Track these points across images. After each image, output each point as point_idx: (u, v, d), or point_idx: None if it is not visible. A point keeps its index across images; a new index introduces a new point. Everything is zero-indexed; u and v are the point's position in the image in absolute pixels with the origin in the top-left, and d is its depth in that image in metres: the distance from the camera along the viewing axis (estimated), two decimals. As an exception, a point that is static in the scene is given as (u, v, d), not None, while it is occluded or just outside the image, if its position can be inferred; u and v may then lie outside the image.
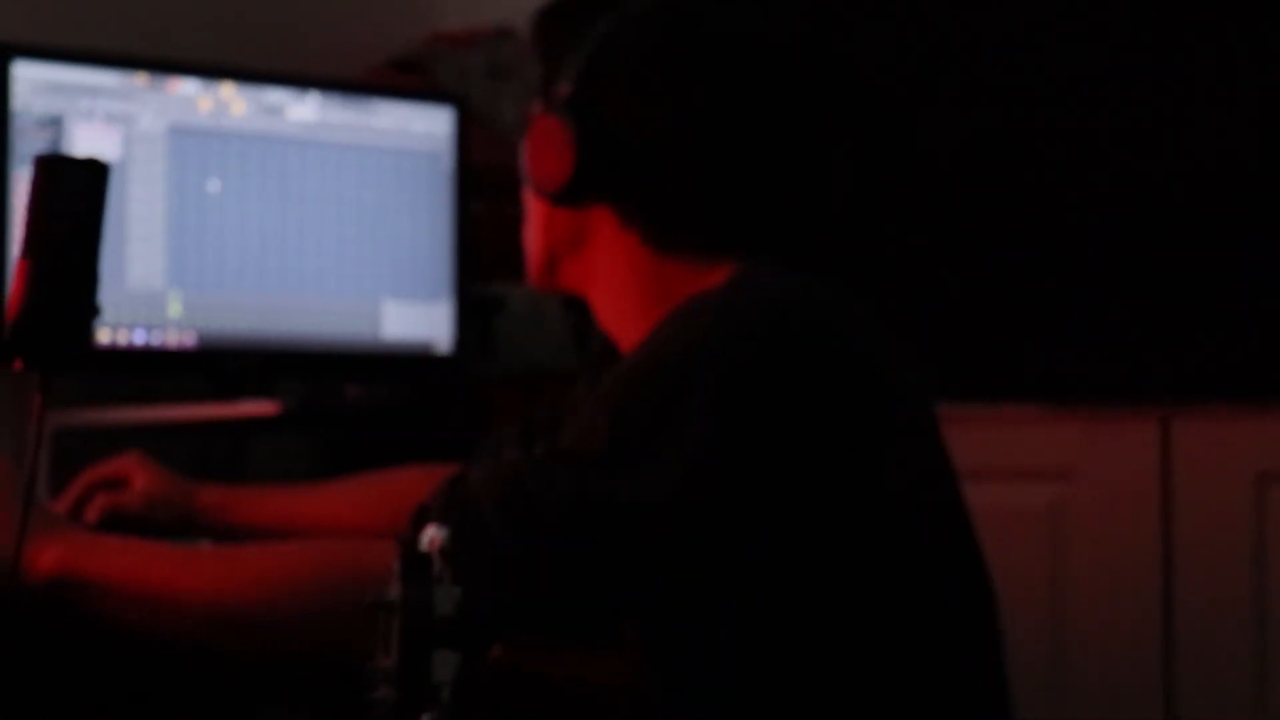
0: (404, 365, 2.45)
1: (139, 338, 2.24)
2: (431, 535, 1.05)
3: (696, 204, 1.37)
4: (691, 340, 1.25)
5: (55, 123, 2.19)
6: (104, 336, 2.21)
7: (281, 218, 2.35)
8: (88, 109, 2.22)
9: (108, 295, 1.10)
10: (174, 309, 2.27)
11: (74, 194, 1.07)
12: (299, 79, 2.39)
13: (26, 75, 2.18)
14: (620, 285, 1.40)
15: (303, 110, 2.38)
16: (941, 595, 1.31)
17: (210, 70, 2.32)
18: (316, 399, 2.35)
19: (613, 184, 1.37)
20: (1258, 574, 2.30)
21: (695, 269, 1.36)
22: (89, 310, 1.08)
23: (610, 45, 1.36)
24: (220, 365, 2.29)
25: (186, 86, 2.29)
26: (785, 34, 1.41)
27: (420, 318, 2.45)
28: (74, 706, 1.79)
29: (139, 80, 2.26)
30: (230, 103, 2.32)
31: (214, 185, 2.30)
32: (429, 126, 2.47)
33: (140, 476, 1.67)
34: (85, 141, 2.20)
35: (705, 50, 1.36)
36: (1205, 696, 2.31)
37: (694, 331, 1.26)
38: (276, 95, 2.36)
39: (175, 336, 2.27)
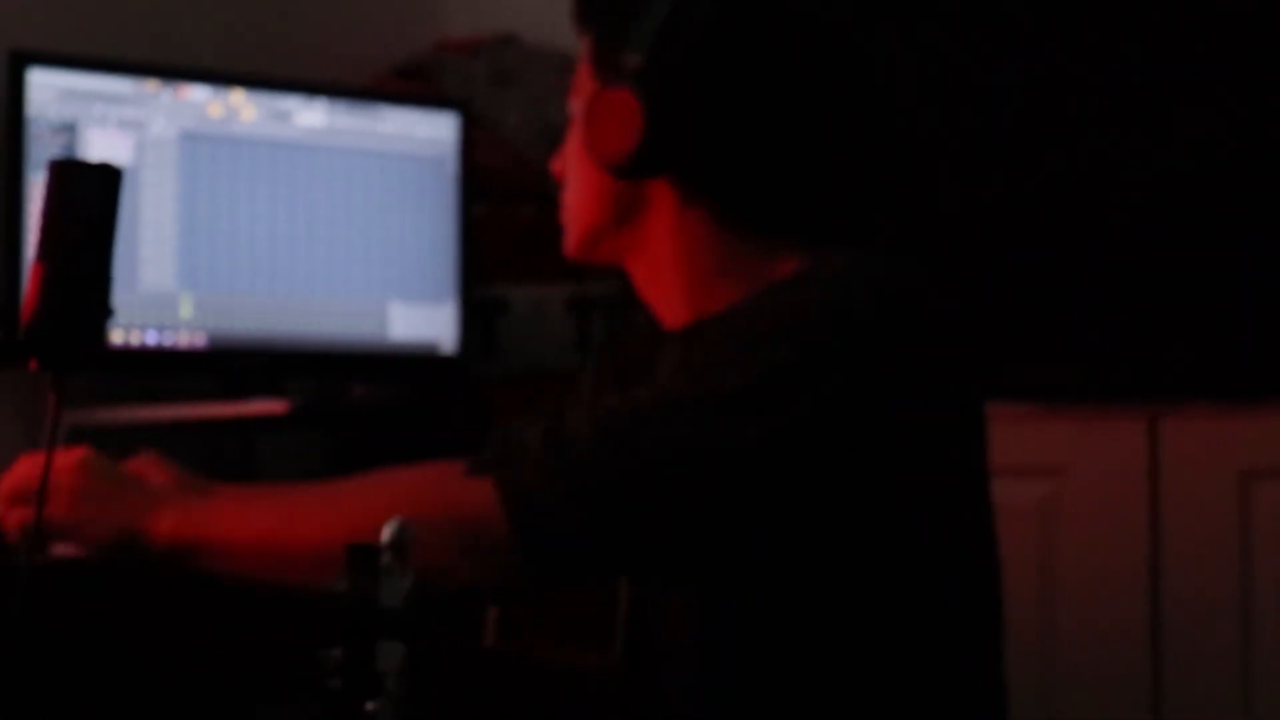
0: (409, 365, 2.45)
1: (151, 338, 2.24)
2: (386, 529, 1.05)
3: (768, 179, 1.35)
4: (826, 306, 1.25)
5: (69, 128, 2.19)
6: (117, 337, 2.21)
7: (290, 221, 2.35)
8: (101, 115, 2.22)
9: (120, 297, 1.10)
10: (185, 310, 2.27)
11: (88, 198, 1.07)
12: (307, 85, 2.39)
13: (42, 82, 2.18)
14: (676, 258, 1.37)
15: (311, 116, 2.38)
16: (977, 584, 1.32)
17: (220, 77, 2.32)
18: (324, 398, 2.35)
19: (684, 158, 1.33)
20: (1243, 569, 2.30)
21: (756, 245, 1.35)
22: (102, 311, 1.07)
23: (683, 16, 1.31)
24: (230, 365, 2.29)
25: (197, 93, 2.29)
26: (845, 9, 1.41)
27: (425, 319, 2.45)
28: (75, 704, 1.79)
29: (151, 87, 2.26)
30: (240, 109, 2.32)
31: (224, 189, 2.30)
32: (434, 132, 2.47)
33: (156, 477, 1.66)
34: (99, 146, 2.20)
35: (781, 22, 1.33)
36: (1192, 690, 2.30)
37: (824, 300, 1.25)
38: (285, 101, 2.36)
39: (186, 337, 2.27)
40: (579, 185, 1.39)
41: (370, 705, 1.00)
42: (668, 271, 1.37)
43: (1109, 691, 2.34)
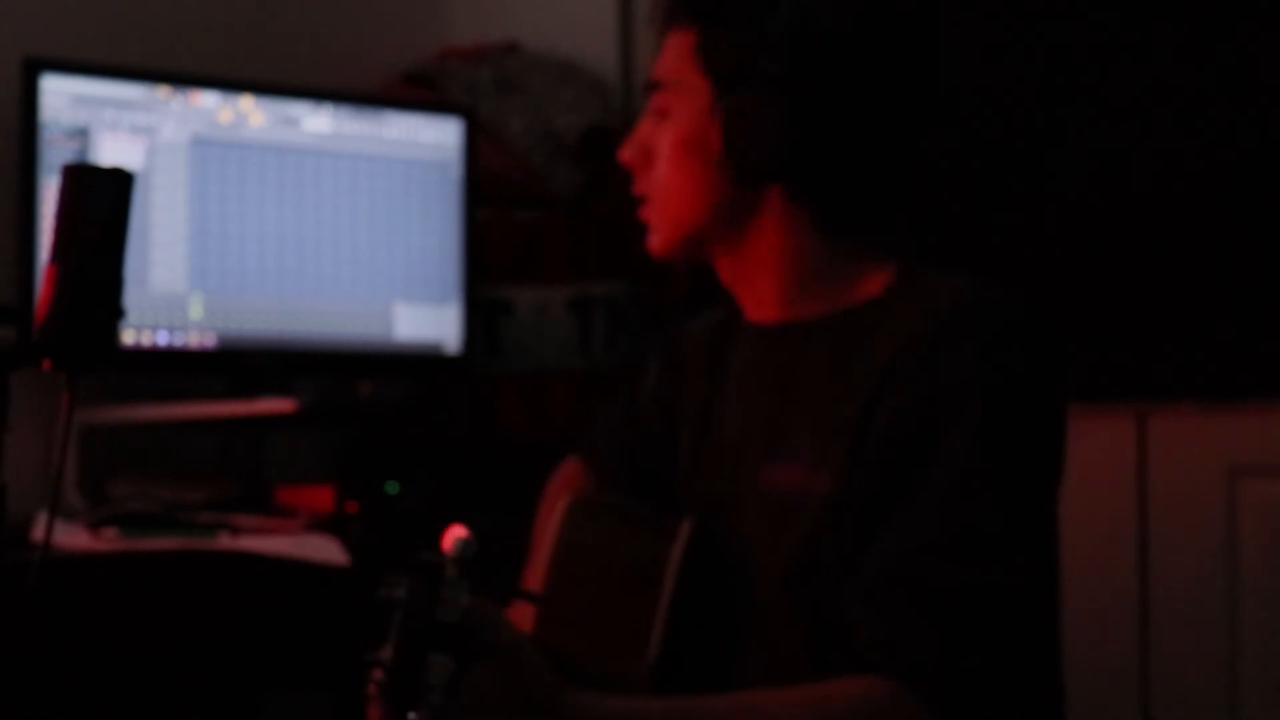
0: (414, 364, 2.45)
1: (162, 338, 2.25)
2: (452, 542, 1.04)
3: (872, 190, 1.38)
4: (1014, 359, 1.30)
5: (82, 133, 2.20)
6: (129, 337, 2.21)
7: (298, 224, 2.35)
8: (113, 120, 2.22)
9: (132, 298, 1.10)
10: (195, 311, 2.27)
11: (100, 202, 1.07)
12: (315, 92, 2.39)
13: (55, 88, 2.18)
14: (776, 260, 1.38)
15: (318, 121, 2.38)
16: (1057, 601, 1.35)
17: (230, 83, 2.32)
18: (331, 396, 2.35)
19: (808, 167, 1.34)
20: (1229, 563, 2.30)
21: (850, 252, 1.38)
22: (114, 312, 1.08)
23: (813, 28, 1.32)
24: (239, 364, 2.30)
25: (207, 99, 2.29)
26: (936, 25, 1.42)
27: (430, 319, 2.45)
28: (88, 692, 1.80)
29: (162, 93, 2.26)
30: (249, 114, 2.32)
31: (233, 193, 2.31)
32: (438, 137, 2.47)
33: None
34: (111, 151, 2.20)
35: (902, 38, 1.35)
36: (1179, 679, 2.30)
37: (1009, 351, 1.30)
38: (293, 107, 2.36)
39: (196, 337, 2.27)
40: (683, 185, 1.38)
41: (412, 715, 0.99)
42: (765, 272, 1.39)
43: (1098, 681, 2.34)
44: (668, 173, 1.38)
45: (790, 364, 1.38)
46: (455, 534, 1.05)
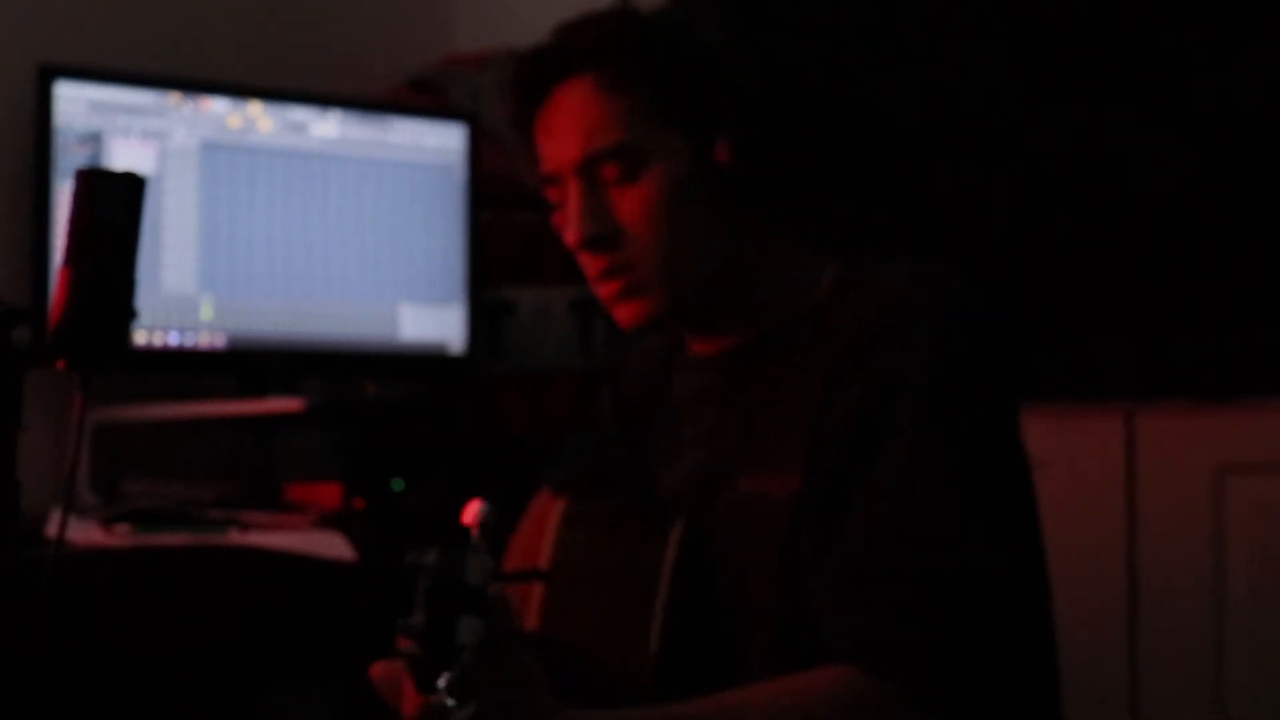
0: (419, 364, 2.45)
1: (173, 339, 2.25)
2: (475, 510, 1.05)
3: (821, 200, 1.41)
4: (966, 337, 1.29)
5: (95, 139, 2.20)
6: (140, 338, 2.21)
7: (305, 227, 2.36)
8: (125, 126, 2.22)
9: (144, 299, 1.10)
10: (205, 312, 2.27)
11: (113, 205, 1.07)
12: (322, 98, 2.40)
13: (68, 94, 2.18)
14: (752, 277, 1.39)
15: (325, 127, 2.38)
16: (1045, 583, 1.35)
17: (239, 90, 2.33)
18: (338, 396, 2.35)
19: (794, 180, 1.38)
20: (1217, 559, 2.29)
21: (805, 253, 1.40)
22: (126, 313, 1.08)
23: (763, 56, 1.38)
24: (248, 364, 2.30)
25: (217, 105, 2.30)
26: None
27: (434, 320, 2.45)
28: (101, 685, 1.80)
29: (173, 99, 2.26)
30: (258, 120, 2.33)
31: (243, 197, 2.31)
32: (443, 142, 2.47)
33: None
34: (123, 156, 2.21)
35: (827, 88, 1.41)
36: (1168, 673, 2.30)
37: (961, 331, 1.30)
38: (301, 113, 2.37)
39: (206, 338, 2.27)
40: (690, 234, 1.35)
41: (444, 676, 0.99)
42: (744, 291, 1.38)
43: (1087, 677, 2.34)
44: (670, 229, 1.34)
45: (749, 379, 1.38)
46: (476, 505, 1.06)
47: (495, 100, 2.63)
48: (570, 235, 1.36)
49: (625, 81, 1.33)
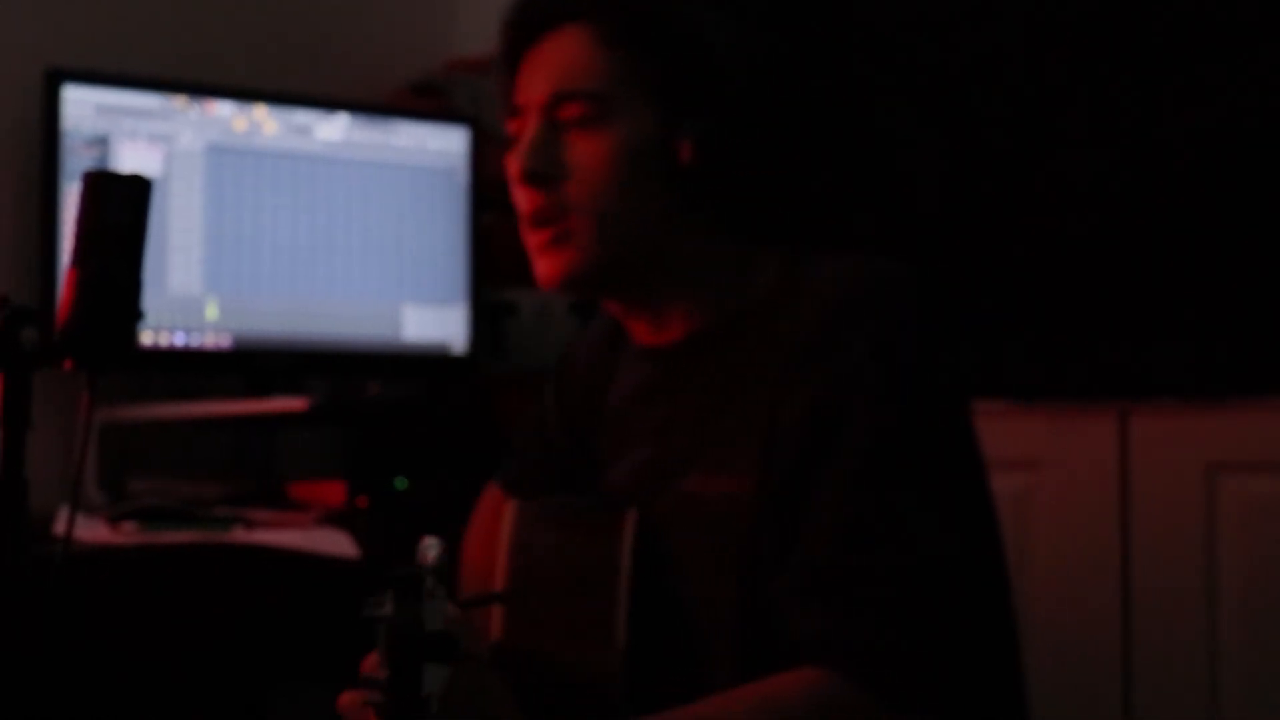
0: (422, 364, 2.45)
1: (179, 339, 2.25)
2: (427, 550, 1.03)
3: (770, 197, 1.38)
4: (912, 330, 1.28)
5: (102, 141, 2.20)
6: (147, 338, 2.21)
7: (310, 229, 2.36)
8: (132, 129, 2.22)
9: (150, 300, 1.10)
10: (211, 313, 2.27)
11: (119, 207, 1.07)
12: (326, 101, 2.40)
13: (76, 98, 2.18)
14: (687, 271, 1.37)
15: (329, 130, 2.38)
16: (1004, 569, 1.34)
17: (244, 93, 2.33)
18: (342, 395, 2.35)
19: (751, 176, 1.36)
20: (1209, 558, 2.29)
21: (747, 249, 1.38)
22: (133, 314, 1.08)
23: (757, 51, 1.36)
24: (253, 364, 2.30)
25: (222, 108, 2.30)
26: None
27: (437, 320, 2.45)
28: (108, 680, 1.80)
29: (179, 102, 2.26)
30: (263, 123, 2.33)
31: (248, 199, 2.31)
32: (445, 145, 2.47)
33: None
34: (130, 159, 2.21)
35: (798, 81, 1.39)
36: (1161, 668, 2.30)
37: (906, 325, 1.28)
38: (305, 116, 2.37)
39: (212, 338, 2.27)
40: (629, 199, 1.32)
41: None
42: (675, 286, 1.35)
43: (1083, 670, 2.34)
44: (613, 187, 1.31)
45: (696, 374, 1.35)
46: (428, 543, 1.04)
47: (497, 105, 2.64)
48: (513, 165, 1.33)
49: (615, 38, 1.31)
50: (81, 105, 2.19)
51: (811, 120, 2.52)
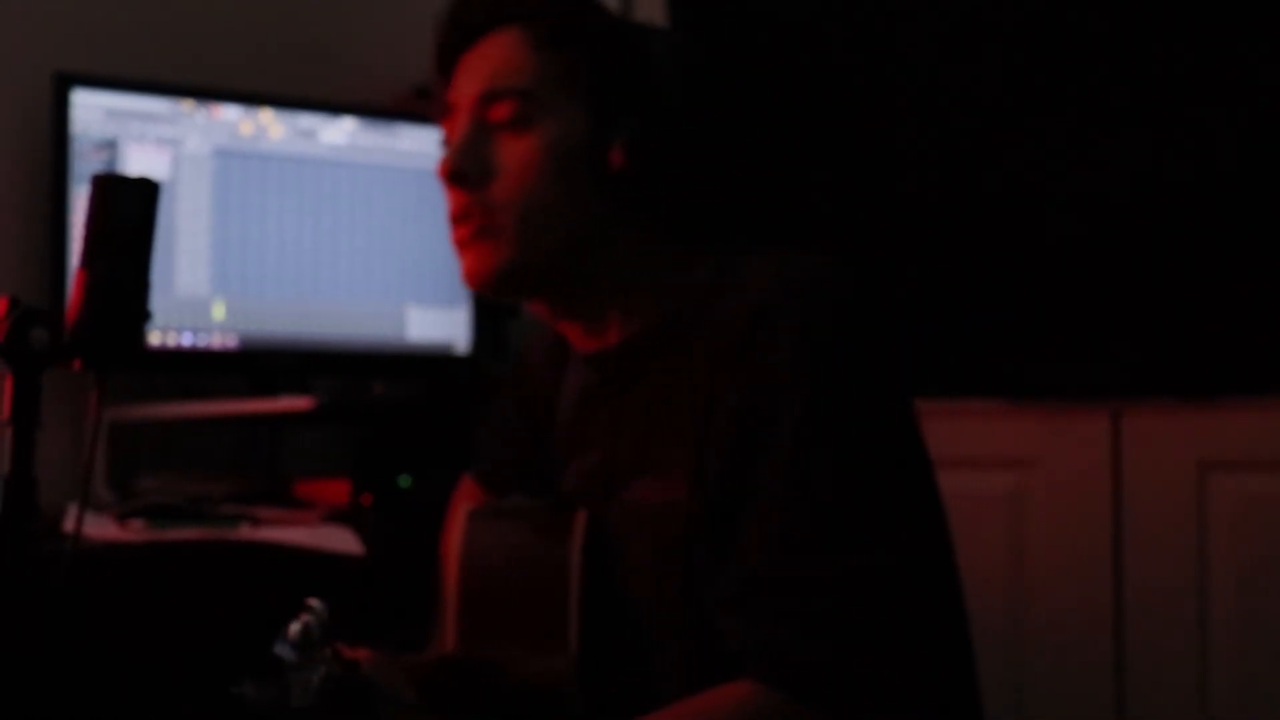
0: (426, 364, 2.46)
1: (186, 339, 2.25)
2: (299, 621, 0.99)
3: (704, 200, 1.36)
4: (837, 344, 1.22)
5: (111, 145, 2.20)
6: (155, 339, 2.22)
7: (315, 231, 2.36)
8: (140, 132, 2.22)
9: (158, 301, 1.10)
10: (218, 313, 2.27)
11: (128, 210, 1.07)
12: (331, 105, 2.40)
13: (85, 102, 2.18)
14: (619, 277, 1.33)
15: (334, 133, 2.39)
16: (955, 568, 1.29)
17: (251, 97, 2.33)
18: (347, 394, 2.35)
19: (683, 180, 1.34)
20: (1200, 555, 2.28)
21: (680, 253, 1.34)
22: (141, 315, 1.07)
23: (691, 56, 1.34)
24: (259, 364, 2.30)
25: (229, 112, 2.30)
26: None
27: (440, 321, 2.46)
28: (116, 674, 1.80)
29: (186, 106, 2.27)
30: (269, 127, 2.33)
31: (254, 202, 2.31)
32: (449, 148, 2.47)
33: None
34: (138, 162, 2.21)
35: (734, 90, 1.37)
36: (1153, 663, 2.30)
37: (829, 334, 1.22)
38: (310, 120, 2.37)
39: (219, 338, 2.27)
40: (558, 200, 1.29)
41: None
42: (606, 292, 1.32)
43: (1075, 665, 2.34)
44: (540, 187, 1.28)
45: (636, 379, 1.32)
46: (300, 618, 1.01)
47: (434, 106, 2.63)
48: (441, 164, 1.31)
49: (548, 41, 1.29)
50: (90, 109, 2.19)
51: (769, 123, 2.51)
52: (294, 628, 1.01)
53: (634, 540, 1.29)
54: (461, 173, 1.29)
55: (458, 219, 1.31)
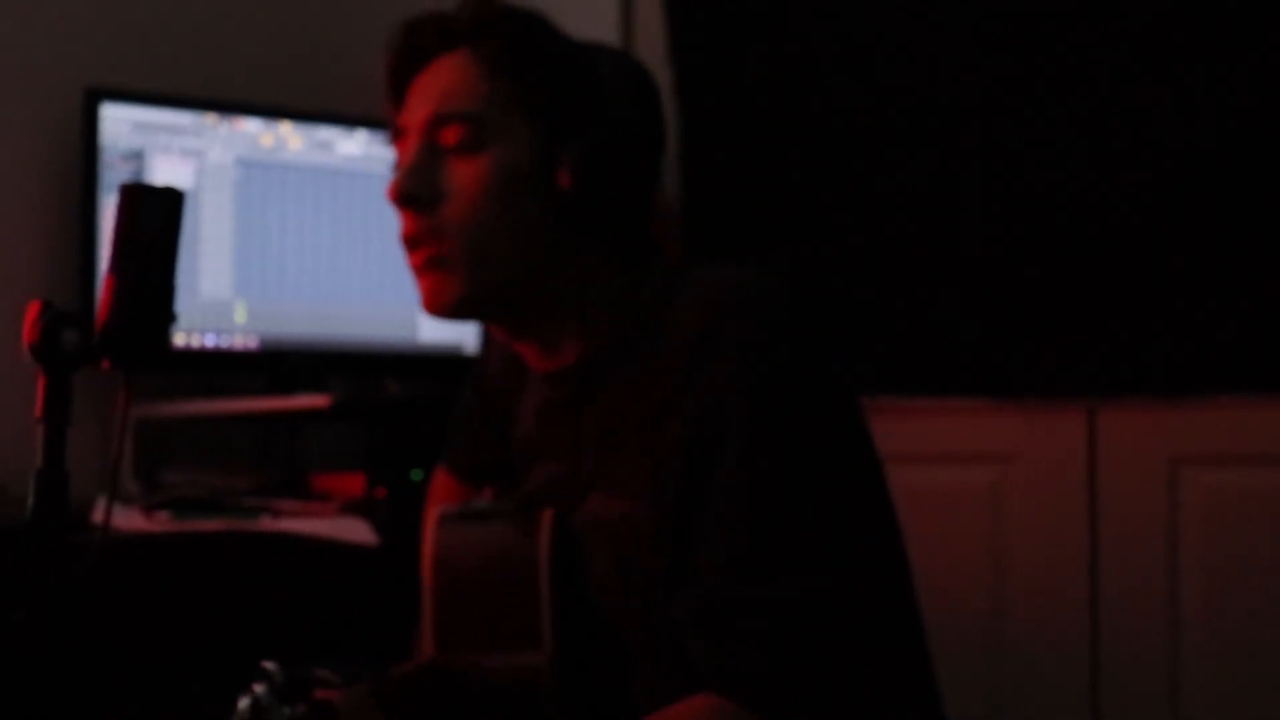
0: (437, 364, 2.46)
1: (209, 340, 2.25)
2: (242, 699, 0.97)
3: (646, 218, 1.34)
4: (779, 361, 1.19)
5: (138, 156, 2.20)
6: (179, 340, 2.22)
7: (332, 237, 2.36)
8: (166, 144, 2.23)
9: (183, 304, 1.10)
10: (239, 316, 2.28)
11: (154, 217, 1.07)
12: (347, 118, 2.40)
13: (113, 115, 2.19)
14: (575, 297, 1.31)
15: (350, 145, 2.39)
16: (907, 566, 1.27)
17: (271, 111, 2.33)
18: (362, 393, 2.35)
19: (631, 200, 1.32)
20: (1172, 546, 2.28)
21: (631, 272, 1.32)
22: (167, 317, 1.08)
23: (635, 76, 1.34)
24: (279, 364, 2.30)
25: (250, 125, 2.30)
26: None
27: (450, 323, 2.46)
28: (142, 660, 1.80)
29: (210, 119, 2.27)
30: (288, 139, 2.33)
31: (274, 210, 2.32)
32: (459, 159, 2.47)
33: None
34: (164, 172, 2.21)
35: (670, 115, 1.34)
36: (1126, 651, 2.30)
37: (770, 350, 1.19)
38: (327, 132, 2.37)
39: (240, 339, 2.28)
40: (511, 224, 1.25)
41: None
42: (562, 312, 1.29)
43: (1052, 653, 2.34)
44: (490, 211, 1.24)
45: (594, 396, 1.29)
46: (250, 690, 1.00)
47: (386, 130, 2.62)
48: (391, 187, 1.27)
49: (499, 63, 1.25)
50: (119, 122, 2.19)
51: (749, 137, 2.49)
52: (243, 703, 1.00)
53: (598, 549, 1.27)
54: (412, 195, 1.25)
55: (409, 242, 1.28)
